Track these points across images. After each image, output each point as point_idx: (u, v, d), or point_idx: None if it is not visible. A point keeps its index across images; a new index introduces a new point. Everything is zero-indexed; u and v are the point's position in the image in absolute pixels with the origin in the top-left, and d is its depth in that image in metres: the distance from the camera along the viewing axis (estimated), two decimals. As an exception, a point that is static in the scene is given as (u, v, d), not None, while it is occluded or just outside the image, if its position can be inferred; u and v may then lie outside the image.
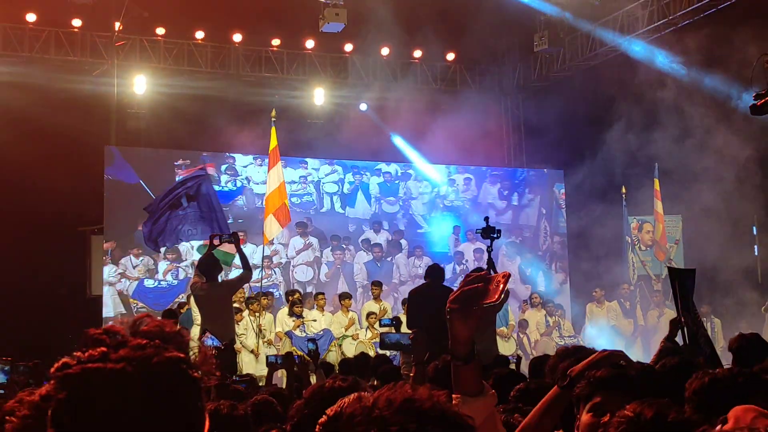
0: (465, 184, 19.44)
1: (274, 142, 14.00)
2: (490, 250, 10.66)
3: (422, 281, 14.83)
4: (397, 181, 18.93)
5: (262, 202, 17.08)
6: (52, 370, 1.41)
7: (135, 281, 16.76)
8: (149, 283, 16.85)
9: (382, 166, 18.88)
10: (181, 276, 17.00)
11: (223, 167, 17.73)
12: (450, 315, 2.24)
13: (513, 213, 19.39)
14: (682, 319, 6.07)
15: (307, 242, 17.72)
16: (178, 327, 1.56)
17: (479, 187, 19.41)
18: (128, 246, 16.67)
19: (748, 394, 2.88)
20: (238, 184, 17.72)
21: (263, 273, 15.23)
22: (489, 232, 10.64)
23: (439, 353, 5.15)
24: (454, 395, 2.24)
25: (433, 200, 19.04)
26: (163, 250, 16.32)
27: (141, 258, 16.75)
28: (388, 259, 18.08)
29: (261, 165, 17.46)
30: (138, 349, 1.42)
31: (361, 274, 17.95)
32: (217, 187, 17.09)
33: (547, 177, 19.56)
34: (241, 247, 11.26)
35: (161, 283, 16.99)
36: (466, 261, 18.37)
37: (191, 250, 16.64)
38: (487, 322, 10.36)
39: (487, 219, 10.91)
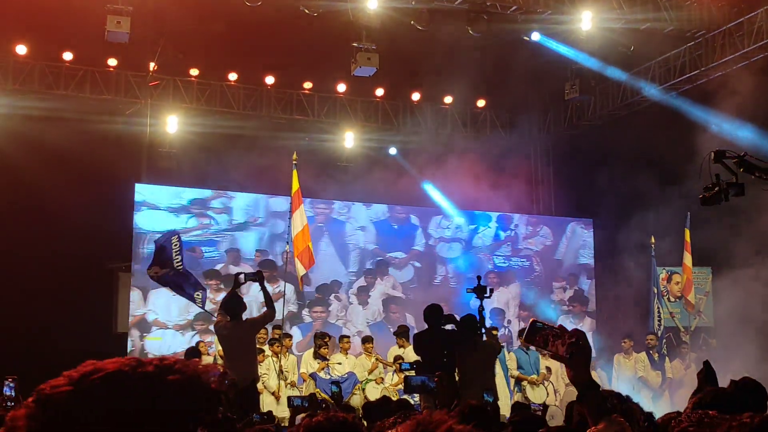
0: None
1: (296, 185, 13.95)
2: (481, 309, 10.33)
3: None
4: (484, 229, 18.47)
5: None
6: (44, 387, 1.39)
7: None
8: None
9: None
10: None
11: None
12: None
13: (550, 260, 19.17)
14: None
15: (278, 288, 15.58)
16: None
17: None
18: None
19: None
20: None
21: None
22: (481, 292, 10.28)
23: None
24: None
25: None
26: None
27: None
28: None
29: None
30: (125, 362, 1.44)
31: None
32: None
33: (576, 225, 19.42)
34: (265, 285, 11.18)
35: None
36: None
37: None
38: (482, 366, 10.23)
39: (479, 278, 10.57)
